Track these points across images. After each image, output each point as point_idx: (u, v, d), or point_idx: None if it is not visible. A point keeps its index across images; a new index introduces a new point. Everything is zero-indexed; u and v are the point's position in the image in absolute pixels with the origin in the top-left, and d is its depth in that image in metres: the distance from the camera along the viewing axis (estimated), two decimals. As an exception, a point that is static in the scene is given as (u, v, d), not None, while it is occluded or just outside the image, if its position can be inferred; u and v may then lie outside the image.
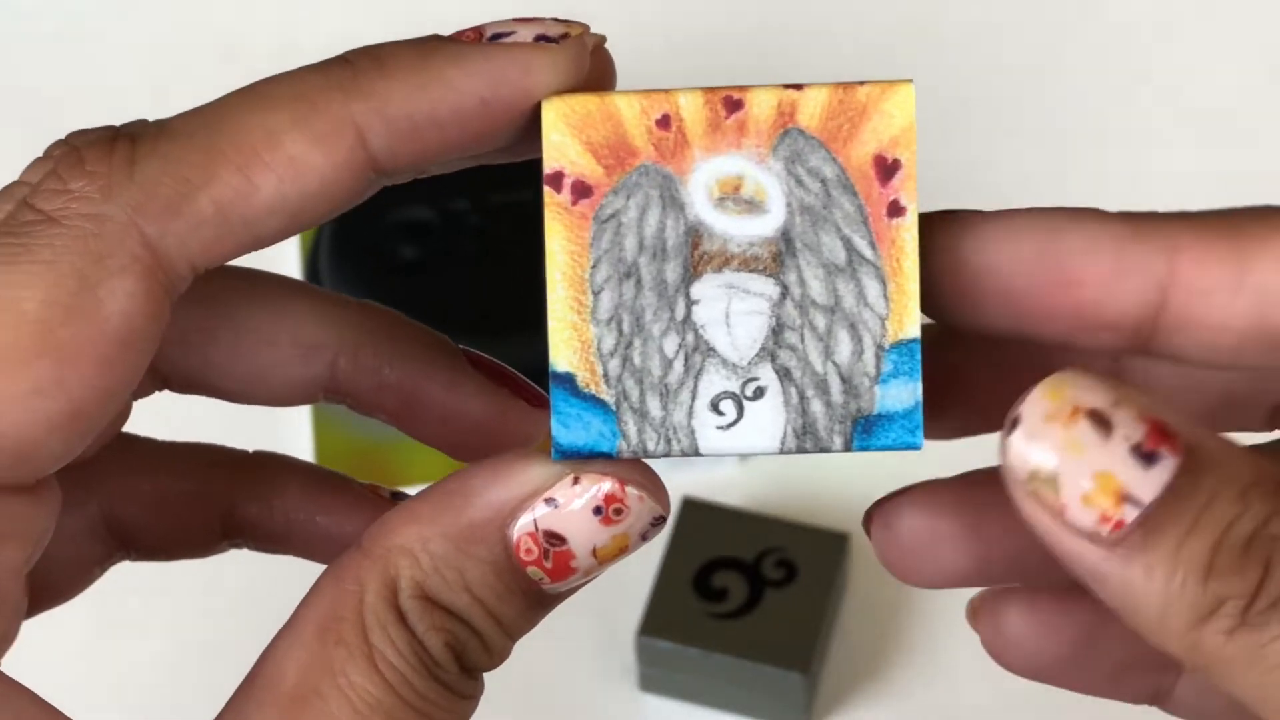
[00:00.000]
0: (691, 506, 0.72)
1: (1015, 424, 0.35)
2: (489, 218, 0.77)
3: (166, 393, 0.43)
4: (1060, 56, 0.85)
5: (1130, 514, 0.34)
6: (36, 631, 0.70)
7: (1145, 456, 0.34)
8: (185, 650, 0.68)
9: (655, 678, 0.70)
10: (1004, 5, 0.79)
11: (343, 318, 0.42)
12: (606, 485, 0.37)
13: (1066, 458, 0.35)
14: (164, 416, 0.48)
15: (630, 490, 0.37)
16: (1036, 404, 0.35)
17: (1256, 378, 0.40)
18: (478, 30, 0.37)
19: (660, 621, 0.69)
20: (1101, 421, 0.35)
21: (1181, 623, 0.34)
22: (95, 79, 0.84)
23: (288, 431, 0.75)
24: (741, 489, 0.74)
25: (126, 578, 0.70)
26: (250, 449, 0.45)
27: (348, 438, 0.74)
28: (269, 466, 0.44)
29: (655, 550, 0.71)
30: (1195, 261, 0.36)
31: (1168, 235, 0.36)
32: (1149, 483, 0.34)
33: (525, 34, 0.37)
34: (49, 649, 0.70)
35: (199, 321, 0.41)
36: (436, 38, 0.37)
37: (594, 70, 0.37)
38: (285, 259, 0.81)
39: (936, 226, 0.37)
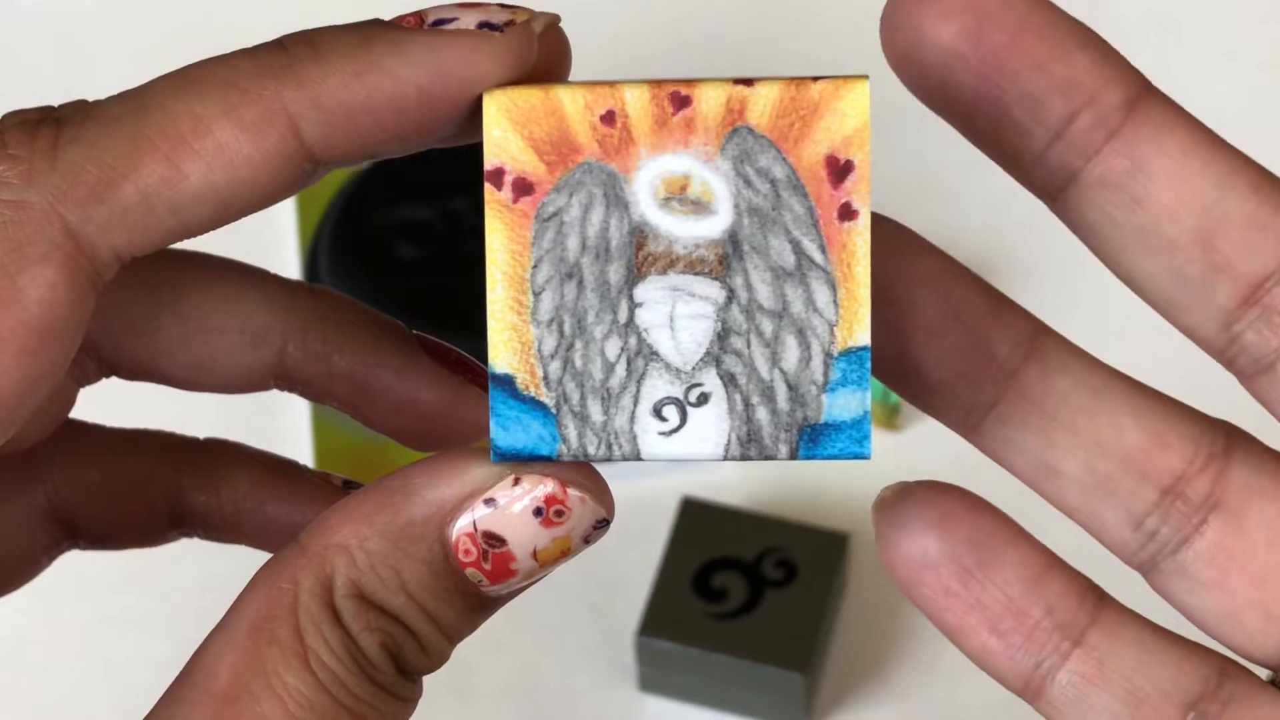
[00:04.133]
0: (691, 506, 0.70)
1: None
2: (489, 217, 0.75)
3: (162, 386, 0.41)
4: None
5: None
6: (35, 632, 0.70)
7: None
8: (182, 648, 0.67)
9: (655, 678, 0.69)
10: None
11: (291, 303, 0.40)
12: (547, 486, 0.35)
13: None
14: (153, 409, 0.46)
15: (572, 492, 0.35)
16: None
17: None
18: (419, 15, 0.35)
19: (660, 622, 0.68)
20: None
21: None
22: (95, 80, 0.82)
23: (288, 431, 0.74)
24: (741, 489, 0.73)
25: (125, 580, 0.70)
26: (203, 436, 0.43)
27: (347, 438, 0.73)
28: (218, 453, 0.42)
29: (655, 550, 0.70)
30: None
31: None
32: None
33: (468, 20, 0.35)
34: (46, 649, 0.70)
35: (145, 307, 0.39)
36: (377, 22, 0.35)
37: (548, 53, 0.35)
38: (285, 259, 0.80)
39: None
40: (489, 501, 0.35)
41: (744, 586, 0.68)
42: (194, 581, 0.64)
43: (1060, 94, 0.34)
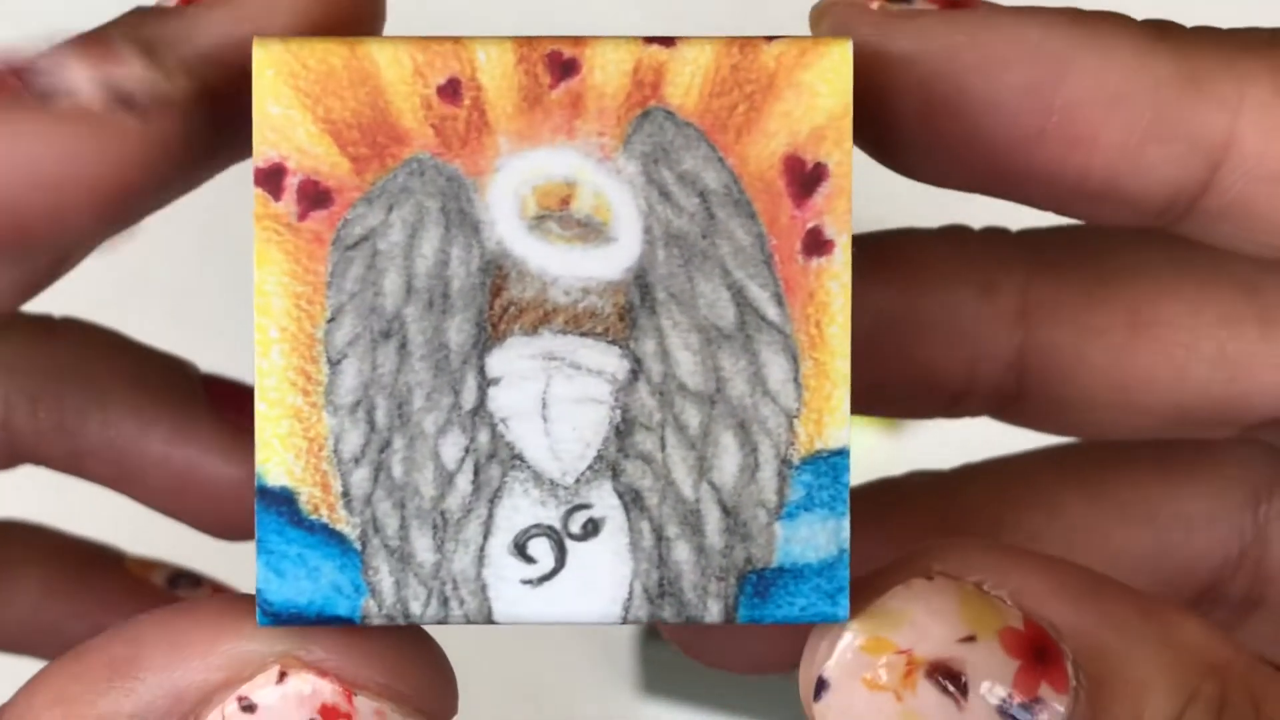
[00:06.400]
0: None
1: (822, 689, 0.22)
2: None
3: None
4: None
5: None
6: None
7: (1021, 712, 0.21)
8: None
9: (656, 680, 0.65)
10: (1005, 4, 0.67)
11: (15, 351, 0.28)
12: (323, 692, 0.22)
13: None
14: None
15: (363, 702, 0.22)
16: (850, 660, 0.21)
17: None
18: (16, 70, 0.22)
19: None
20: (949, 678, 0.21)
21: None
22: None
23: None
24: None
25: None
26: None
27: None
28: (2, 549, 0.30)
29: (656, 552, 0.64)
30: (1264, 128, 0.23)
31: (1235, 77, 0.23)
32: None
33: (83, 82, 0.21)
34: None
35: None
36: None
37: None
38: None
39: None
40: (244, 704, 0.22)
41: (744, 588, 0.61)
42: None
43: None
